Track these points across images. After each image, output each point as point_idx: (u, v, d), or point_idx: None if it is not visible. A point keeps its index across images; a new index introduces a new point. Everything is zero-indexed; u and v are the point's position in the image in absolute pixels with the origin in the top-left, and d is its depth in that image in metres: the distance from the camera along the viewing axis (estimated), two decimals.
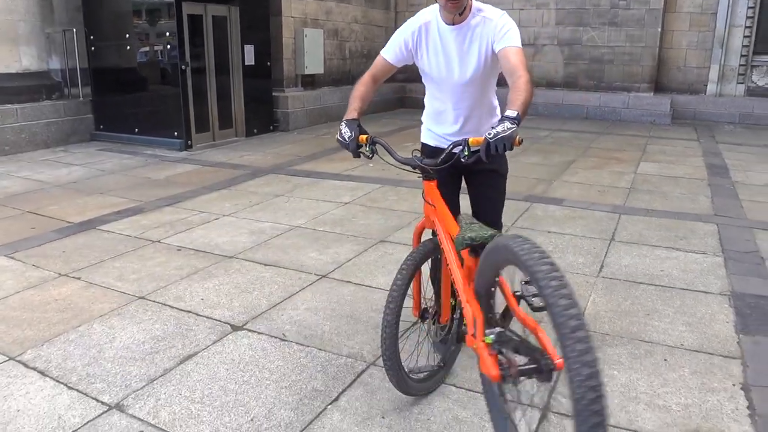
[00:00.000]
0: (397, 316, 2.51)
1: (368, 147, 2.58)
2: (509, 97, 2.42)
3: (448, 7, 2.60)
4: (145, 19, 9.77)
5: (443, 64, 2.78)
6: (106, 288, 4.03)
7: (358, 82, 2.85)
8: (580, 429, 1.48)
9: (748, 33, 12.56)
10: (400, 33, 2.84)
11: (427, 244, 2.67)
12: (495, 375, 1.94)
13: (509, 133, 2.19)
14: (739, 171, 7.91)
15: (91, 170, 7.80)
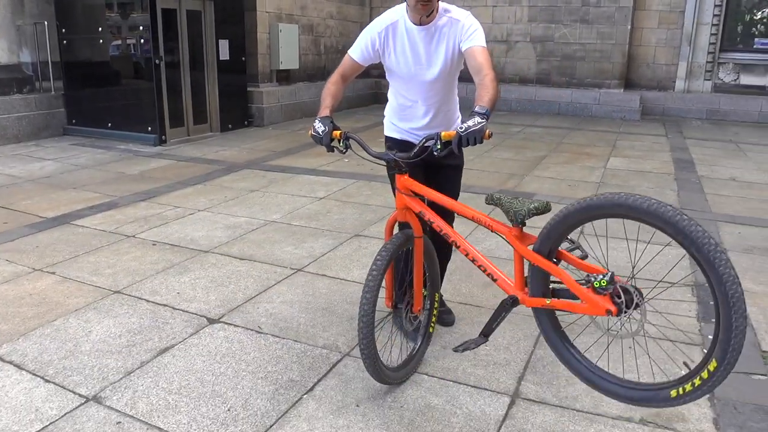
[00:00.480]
0: (373, 305, 2.58)
1: (342, 142, 2.66)
2: (477, 94, 2.57)
3: (419, 8, 2.70)
4: (118, 13, 9.69)
5: (411, 62, 2.87)
6: (81, 282, 4.05)
7: (329, 80, 2.92)
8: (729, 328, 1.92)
9: (714, 31, 12.84)
10: (366, 33, 2.90)
11: (400, 236, 2.74)
12: (614, 310, 2.20)
13: (480, 127, 2.34)
14: (705, 165, 8.13)
15: (64, 165, 7.74)
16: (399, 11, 2.86)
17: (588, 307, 2.29)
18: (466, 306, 3.76)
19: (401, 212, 2.77)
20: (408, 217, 2.78)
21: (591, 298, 2.26)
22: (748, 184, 7.14)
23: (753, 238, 5.08)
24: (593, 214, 2.24)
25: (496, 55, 14.12)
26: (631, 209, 2.11)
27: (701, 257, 1.96)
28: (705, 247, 1.94)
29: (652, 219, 2.07)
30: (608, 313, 2.22)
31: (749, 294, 3.87)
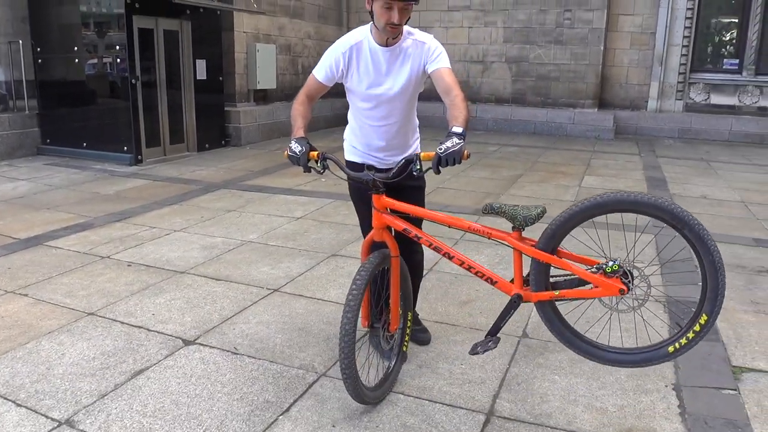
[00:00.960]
0: (354, 325, 2.58)
1: (320, 163, 2.69)
2: (450, 114, 2.66)
3: (388, 31, 2.75)
4: (95, 32, 9.66)
5: (374, 82, 2.91)
6: (55, 305, 4.00)
7: (296, 101, 2.95)
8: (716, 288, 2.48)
9: (685, 52, 13.16)
10: (330, 53, 2.93)
11: (377, 255, 2.76)
12: (626, 289, 2.52)
13: (458, 147, 2.42)
14: (677, 184, 8.28)
15: (38, 185, 7.66)
16: (363, 32, 2.91)
17: (601, 290, 2.57)
18: (443, 325, 3.78)
19: (378, 232, 2.80)
20: (384, 237, 2.80)
21: (604, 281, 2.54)
22: (718, 201, 7.29)
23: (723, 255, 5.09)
24: (596, 212, 2.51)
25: (472, 75, 14.32)
26: (633, 204, 2.46)
27: (692, 235, 2.43)
28: (696, 227, 2.42)
29: (652, 210, 2.44)
30: (621, 292, 2.53)
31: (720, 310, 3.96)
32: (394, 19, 2.68)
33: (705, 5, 13.26)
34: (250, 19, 11.73)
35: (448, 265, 4.74)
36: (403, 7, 2.67)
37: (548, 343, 3.54)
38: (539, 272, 2.65)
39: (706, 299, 2.52)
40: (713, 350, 3.45)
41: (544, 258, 2.59)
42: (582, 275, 2.59)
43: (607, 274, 2.55)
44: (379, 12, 2.70)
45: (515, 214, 2.60)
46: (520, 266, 2.69)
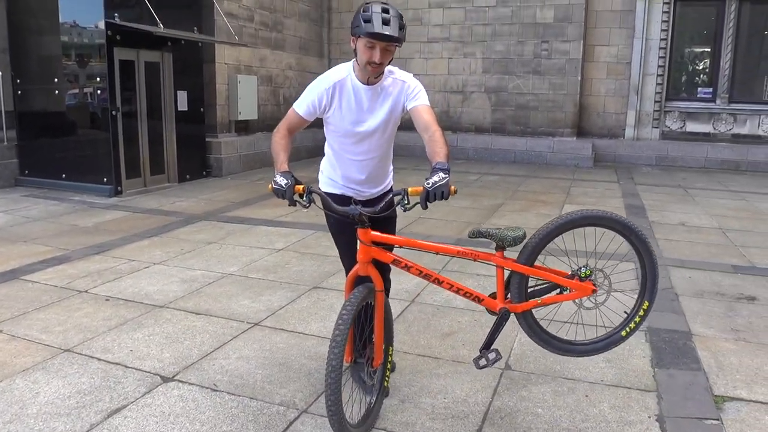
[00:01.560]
0: (341, 361, 2.54)
1: (305, 197, 2.69)
2: (431, 149, 2.72)
3: (369, 71, 2.80)
4: (75, 62, 9.64)
5: (355, 119, 2.95)
6: (30, 341, 3.92)
7: (276, 134, 2.95)
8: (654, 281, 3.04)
9: (660, 81, 13.43)
10: (314, 89, 2.95)
11: (362, 289, 2.73)
12: (596, 289, 2.95)
13: (445, 182, 2.49)
14: (656, 211, 8.38)
15: (15, 217, 7.56)
16: (346, 68, 2.95)
17: (577, 293, 2.95)
18: (425, 358, 3.75)
19: (363, 266, 2.78)
20: (369, 271, 2.79)
21: (580, 284, 2.94)
22: (696, 228, 7.37)
23: (702, 282, 5.22)
24: (568, 227, 2.90)
25: (452, 105, 14.48)
26: (597, 219, 2.94)
27: (637, 240, 2.96)
28: (640, 234, 2.97)
29: (608, 223, 2.95)
30: (593, 293, 2.95)
31: (700, 338, 3.99)
32: (375, 58, 2.72)
33: (678, 35, 13.58)
34: (232, 51, 11.79)
35: (430, 297, 4.74)
36: (385, 48, 2.72)
37: (531, 375, 3.53)
38: (521, 285, 2.91)
39: (646, 290, 3.05)
40: (695, 379, 3.46)
41: (529, 271, 2.87)
42: (562, 282, 2.94)
43: (581, 279, 2.94)
44: (361, 50, 2.75)
45: (503, 236, 2.81)
46: (502, 283, 2.93)
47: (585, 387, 3.38)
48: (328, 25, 15.37)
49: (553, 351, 3.07)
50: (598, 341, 3.10)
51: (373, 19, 2.66)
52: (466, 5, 14.17)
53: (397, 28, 2.69)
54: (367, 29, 2.67)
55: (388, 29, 2.66)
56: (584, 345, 3.09)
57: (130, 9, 9.41)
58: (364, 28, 2.67)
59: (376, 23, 2.65)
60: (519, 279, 2.89)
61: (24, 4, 9.64)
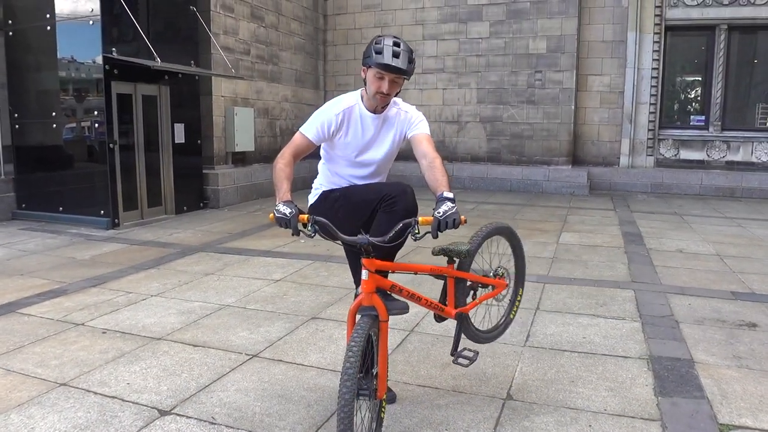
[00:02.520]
0: (353, 393, 2.49)
1: (310, 227, 2.69)
2: (432, 177, 2.85)
3: (378, 100, 2.96)
4: (73, 96, 9.71)
5: (360, 145, 3.09)
6: (26, 375, 3.86)
7: (279, 161, 2.94)
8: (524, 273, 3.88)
9: (653, 109, 13.57)
10: (323, 114, 3.05)
11: (367, 320, 2.70)
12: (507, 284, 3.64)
13: (455, 211, 2.64)
14: (653, 238, 8.38)
15: (12, 250, 7.52)
16: (355, 96, 3.09)
17: (499, 289, 3.58)
18: (426, 389, 3.71)
19: (368, 297, 2.76)
20: (374, 301, 2.77)
21: (501, 282, 3.58)
22: (694, 255, 7.37)
23: (703, 309, 5.20)
24: (486, 239, 3.44)
25: (447, 135, 14.58)
26: (499, 230, 3.60)
27: (517, 243, 3.76)
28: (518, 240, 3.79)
29: (504, 232, 3.65)
30: (507, 287, 3.65)
31: (703, 366, 3.96)
32: (383, 89, 2.89)
33: (669, 65, 13.76)
34: (228, 84, 11.90)
35: (430, 327, 4.71)
36: (393, 79, 2.89)
37: (533, 405, 3.49)
38: (465, 290, 3.37)
39: (519, 279, 3.83)
40: (699, 408, 3.42)
41: (470, 277, 3.35)
42: (490, 282, 3.51)
43: (500, 277, 3.59)
44: (371, 80, 2.92)
45: (459, 250, 3.17)
46: (453, 291, 3.27)
47: (588, 417, 3.34)
48: (324, 57, 15.56)
49: (479, 341, 3.57)
50: (501, 326, 3.75)
51: (384, 51, 2.84)
52: (460, 37, 14.37)
53: (406, 62, 2.87)
54: (377, 60, 2.85)
55: (397, 62, 2.84)
56: (495, 330, 3.71)
57: (127, 43, 9.51)
58: (374, 59, 2.85)
59: (387, 55, 2.83)
60: (463, 285, 3.33)
61: (22, 41, 9.73)
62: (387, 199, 2.94)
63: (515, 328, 4.71)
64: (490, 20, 14.11)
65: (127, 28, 9.36)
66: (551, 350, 4.31)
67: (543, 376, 3.86)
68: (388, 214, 2.91)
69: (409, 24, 14.59)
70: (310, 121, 3.06)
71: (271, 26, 13.32)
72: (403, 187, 3.00)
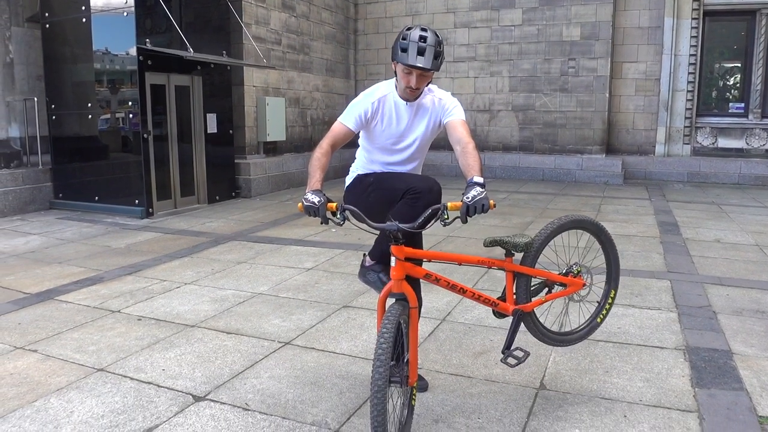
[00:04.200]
0: (386, 380, 2.50)
1: (339, 214, 2.70)
2: (465, 162, 2.84)
3: (408, 93, 3.00)
4: (108, 88, 9.86)
5: (395, 133, 3.12)
6: (64, 360, 3.95)
7: (317, 151, 2.96)
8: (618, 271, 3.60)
9: (690, 97, 13.26)
10: (360, 103, 3.09)
11: (398, 307, 2.69)
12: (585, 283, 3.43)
13: (483, 196, 2.59)
14: (690, 228, 8.21)
15: (50, 239, 7.69)
16: (390, 86, 3.11)
17: (573, 288, 3.37)
18: (458, 377, 3.69)
19: (397, 283, 2.75)
20: (404, 288, 2.76)
21: (574, 281, 3.37)
22: (732, 245, 7.20)
23: (741, 300, 5.09)
24: (559, 231, 3.26)
25: (479, 123, 14.46)
26: (578, 223, 3.37)
27: (605, 238, 3.47)
28: (608, 233, 3.49)
29: (587, 226, 3.42)
30: (584, 287, 3.41)
31: (742, 357, 3.87)
32: (412, 84, 2.92)
33: (707, 51, 13.44)
34: (260, 74, 11.96)
35: (462, 315, 4.69)
36: (421, 74, 2.90)
37: (567, 395, 3.45)
38: (528, 287, 3.18)
39: (611, 280, 3.55)
40: (738, 400, 3.35)
41: (534, 273, 3.17)
42: (560, 279, 3.33)
43: (574, 276, 3.37)
44: (400, 75, 2.95)
45: (516, 243, 3.05)
46: (512, 286, 3.15)
47: (623, 407, 3.29)
48: (355, 46, 15.53)
49: (549, 343, 3.41)
50: (581, 330, 3.52)
51: (409, 48, 2.83)
52: (492, 24, 14.21)
53: (431, 58, 2.84)
54: (402, 59, 2.86)
55: (422, 60, 2.83)
56: (573, 334, 3.49)
57: (160, 35, 9.61)
58: (400, 58, 2.86)
59: (411, 54, 2.83)
60: (526, 281, 3.16)
61: (59, 33, 9.92)
62: (412, 192, 2.94)
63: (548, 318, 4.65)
64: (523, 7, 13.92)
65: (160, 19, 9.47)
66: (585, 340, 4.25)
67: (576, 366, 3.82)
68: (410, 207, 2.91)
69: (441, 12, 14.48)
70: (348, 111, 3.09)
71: (302, 16, 13.34)
72: (431, 184, 3.00)
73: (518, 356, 3.09)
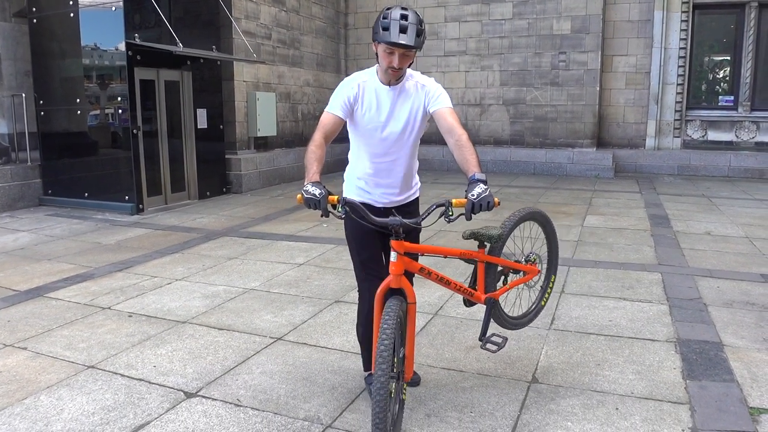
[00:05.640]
0: (389, 377, 2.50)
1: (341, 207, 2.66)
2: (462, 156, 2.79)
3: (390, 74, 2.90)
4: (97, 84, 9.79)
5: (375, 117, 3.01)
6: (54, 358, 3.92)
7: (312, 144, 2.89)
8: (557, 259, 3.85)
9: (680, 90, 13.30)
10: (342, 89, 3.02)
11: (395, 302, 2.69)
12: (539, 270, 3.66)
13: (488, 193, 2.57)
14: (680, 221, 8.25)
15: (39, 236, 7.63)
16: (370, 72, 3.05)
17: (530, 275, 3.57)
18: (450, 371, 3.69)
19: (396, 279, 2.75)
20: (403, 284, 2.75)
21: (531, 268, 3.56)
22: (722, 237, 7.24)
23: (731, 292, 5.11)
24: (519, 223, 3.45)
25: (470, 118, 14.45)
26: (532, 215, 3.57)
27: (550, 228, 3.71)
28: (552, 225, 3.73)
29: (537, 217, 3.62)
30: (539, 274, 3.66)
31: (732, 349, 3.89)
32: (394, 64, 2.83)
33: (697, 44, 13.47)
34: (250, 68, 11.90)
35: (454, 310, 4.69)
36: (403, 53, 2.81)
37: (559, 388, 3.45)
38: (496, 275, 3.37)
39: (551, 265, 3.79)
40: (729, 391, 3.37)
41: (501, 262, 3.35)
42: (521, 267, 3.49)
43: (531, 263, 3.57)
44: (381, 55, 2.86)
45: (490, 235, 3.18)
46: (483, 276, 3.26)
47: (615, 400, 3.30)
48: (345, 41, 15.48)
49: (509, 328, 3.56)
50: (531, 313, 3.72)
51: (390, 27, 2.74)
52: (483, 18, 14.20)
53: (414, 36, 2.76)
54: (384, 38, 2.77)
55: (404, 38, 2.74)
56: (525, 317, 3.68)
57: (149, 29, 9.54)
58: (381, 36, 2.77)
59: (393, 32, 2.74)
60: (494, 270, 3.33)
61: (46, 28, 9.81)
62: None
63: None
64: (513, 1, 13.92)
65: (149, 14, 9.39)
66: (577, 333, 4.27)
67: (568, 360, 3.83)
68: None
69: (431, 6, 14.44)
70: (333, 99, 3.02)
71: (292, 10, 13.28)
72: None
73: (497, 342, 3.26)
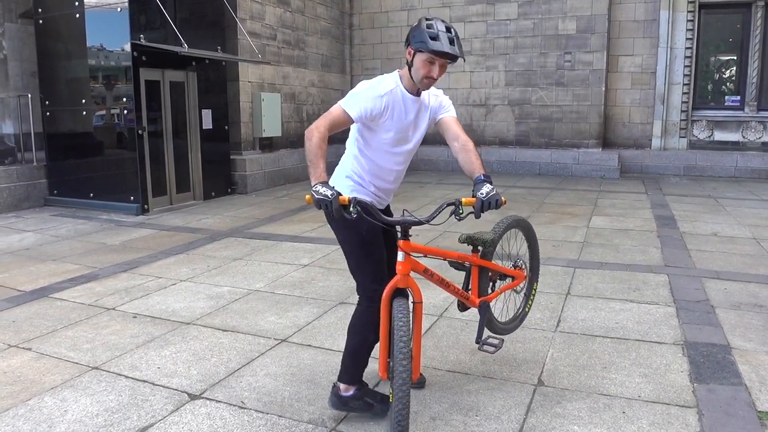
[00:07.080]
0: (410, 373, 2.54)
1: (353, 207, 2.61)
2: (467, 159, 2.89)
3: (424, 84, 2.89)
4: (102, 84, 9.81)
5: (402, 129, 2.98)
6: (58, 359, 3.92)
7: (315, 135, 2.76)
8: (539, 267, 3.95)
9: (686, 90, 13.24)
10: (368, 96, 2.85)
11: (406, 302, 2.70)
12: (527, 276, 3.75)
13: (496, 192, 2.66)
14: (687, 222, 8.20)
15: (44, 236, 7.64)
16: (395, 78, 2.95)
17: (519, 280, 3.64)
18: (455, 374, 3.67)
19: (404, 279, 2.74)
20: (410, 283, 2.75)
21: (520, 273, 3.64)
22: (729, 238, 7.20)
23: (739, 294, 5.07)
24: (507, 229, 3.53)
25: (475, 118, 14.43)
26: (518, 222, 3.66)
27: (531, 236, 3.77)
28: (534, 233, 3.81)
29: (522, 224, 3.70)
30: (527, 279, 3.75)
31: (740, 352, 3.85)
32: (434, 74, 2.83)
33: (703, 44, 13.41)
34: (255, 69, 11.90)
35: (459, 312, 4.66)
36: (443, 64, 2.83)
37: (565, 391, 3.43)
38: (484, 278, 3.37)
39: (534, 273, 3.85)
40: (737, 395, 3.33)
41: (493, 266, 3.38)
42: (511, 272, 3.58)
43: (520, 268, 3.66)
44: (419, 64, 2.81)
45: (485, 239, 3.27)
46: (477, 280, 3.32)
47: (622, 403, 3.27)
48: (350, 42, 15.47)
49: (499, 333, 3.56)
50: (518, 318, 3.80)
51: (440, 37, 2.74)
52: (488, 19, 14.17)
53: (458, 48, 2.81)
54: (434, 47, 2.73)
55: (454, 49, 2.77)
56: (512, 323, 3.74)
57: (155, 30, 9.55)
58: (430, 45, 2.73)
59: (444, 42, 2.74)
60: (486, 274, 3.37)
61: (52, 29, 9.84)
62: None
63: (545, 314, 4.65)
64: (518, 1, 13.88)
65: (155, 14, 9.40)
66: (583, 336, 4.24)
67: (575, 362, 3.80)
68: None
69: (436, 6, 14.41)
70: (354, 100, 2.85)
71: (297, 11, 13.27)
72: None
73: (494, 344, 3.35)
